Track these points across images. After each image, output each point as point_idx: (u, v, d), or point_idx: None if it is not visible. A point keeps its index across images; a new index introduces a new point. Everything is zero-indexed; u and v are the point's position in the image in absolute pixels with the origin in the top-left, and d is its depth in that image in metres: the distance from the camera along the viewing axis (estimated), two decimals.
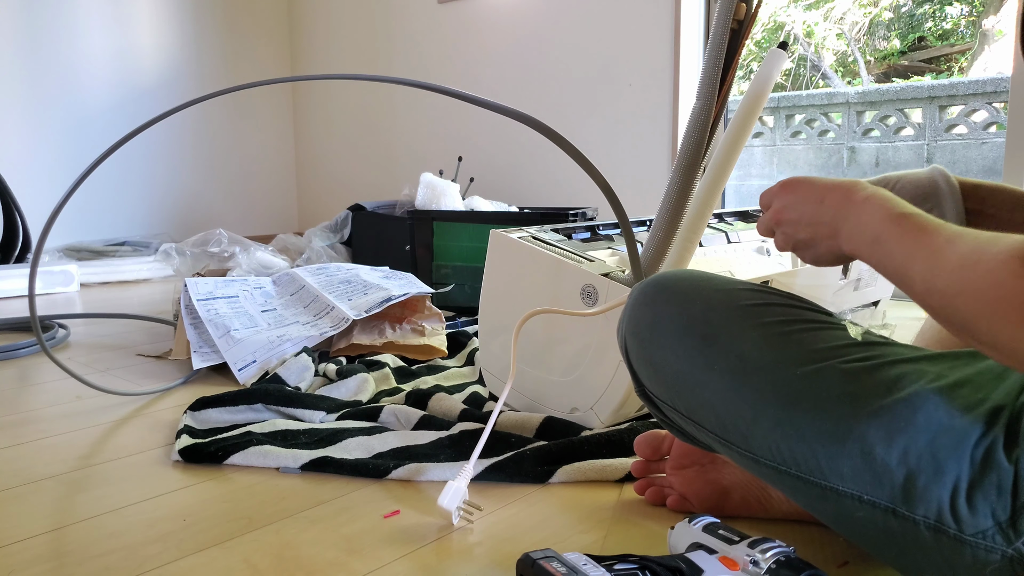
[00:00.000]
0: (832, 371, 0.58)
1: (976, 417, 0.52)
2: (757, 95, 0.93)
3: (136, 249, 3.00)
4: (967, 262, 0.47)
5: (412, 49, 3.21)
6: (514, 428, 1.07)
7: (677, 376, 0.67)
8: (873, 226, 0.55)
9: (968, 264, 0.47)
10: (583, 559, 0.61)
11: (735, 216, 1.52)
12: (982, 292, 0.46)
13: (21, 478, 0.97)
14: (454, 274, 2.05)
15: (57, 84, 3.02)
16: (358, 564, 0.75)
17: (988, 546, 0.50)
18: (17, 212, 2.63)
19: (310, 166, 3.78)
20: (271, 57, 3.68)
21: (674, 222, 1.01)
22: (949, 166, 3.07)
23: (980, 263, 0.46)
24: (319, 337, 1.50)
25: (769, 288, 0.68)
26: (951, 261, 0.48)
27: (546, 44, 2.77)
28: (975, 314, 0.47)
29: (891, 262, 0.54)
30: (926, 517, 0.52)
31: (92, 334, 1.86)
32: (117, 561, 0.76)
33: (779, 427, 0.59)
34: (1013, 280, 0.44)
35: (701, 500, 0.83)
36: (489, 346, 1.21)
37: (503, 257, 1.17)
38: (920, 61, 5.25)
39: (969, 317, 0.47)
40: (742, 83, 4.46)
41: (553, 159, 2.78)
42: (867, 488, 0.55)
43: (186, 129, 3.42)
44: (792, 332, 0.62)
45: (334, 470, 0.97)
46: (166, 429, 1.15)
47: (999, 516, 0.50)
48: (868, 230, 0.56)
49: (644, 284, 0.72)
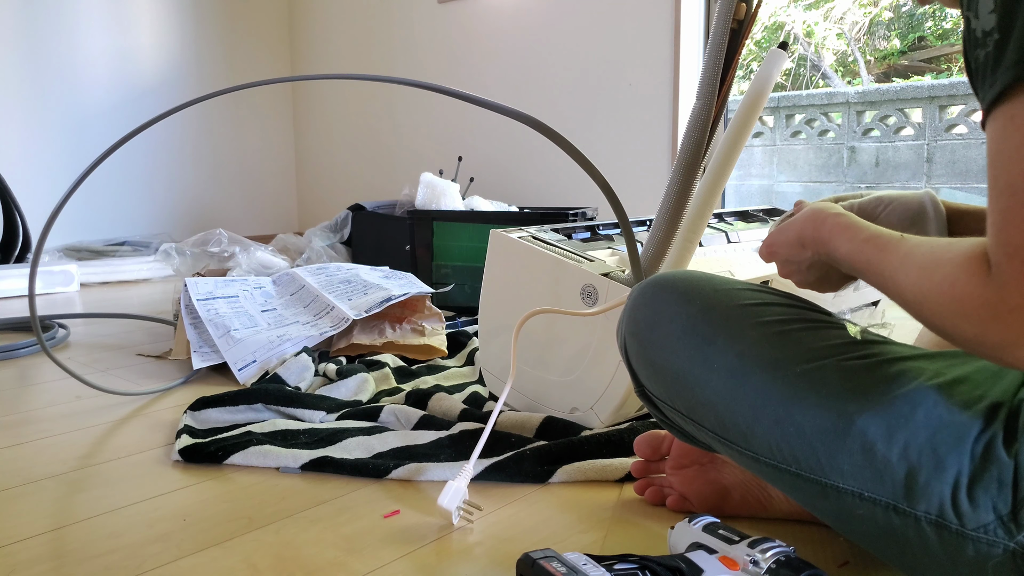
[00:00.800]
0: (832, 369, 0.58)
1: (975, 413, 0.53)
2: (757, 95, 0.93)
3: (136, 249, 3.00)
4: (926, 271, 0.50)
5: (412, 49, 3.21)
6: (514, 428, 1.08)
7: (677, 376, 0.67)
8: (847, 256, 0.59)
9: (927, 272, 0.50)
10: (583, 559, 0.61)
11: (735, 216, 1.52)
12: (943, 295, 0.48)
13: (21, 478, 0.97)
14: (454, 274, 2.05)
15: (57, 84, 3.02)
16: (358, 564, 0.75)
17: (990, 540, 0.51)
18: (17, 212, 2.63)
19: (310, 166, 3.78)
20: (271, 57, 3.68)
21: (674, 222, 1.01)
22: (949, 166, 3.07)
23: (937, 269, 0.49)
24: (319, 337, 1.50)
25: (768, 288, 0.69)
26: (912, 272, 0.51)
27: (546, 44, 2.77)
28: (942, 317, 0.49)
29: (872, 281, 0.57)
30: (927, 513, 0.53)
31: (92, 334, 1.86)
32: (117, 561, 0.76)
33: (779, 425, 0.59)
34: (968, 278, 0.47)
35: (701, 500, 0.83)
36: (489, 346, 1.21)
37: (503, 257, 1.17)
38: (920, 61, 5.25)
39: (940, 321, 0.49)
40: (742, 83, 4.46)
41: (553, 159, 2.78)
42: (868, 485, 0.55)
43: (186, 129, 3.42)
44: (791, 331, 0.62)
45: (334, 470, 0.97)
46: (166, 429, 1.15)
47: (1000, 510, 0.50)
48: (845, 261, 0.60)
49: (644, 284, 0.72)
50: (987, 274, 0.46)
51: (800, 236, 0.64)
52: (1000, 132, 0.46)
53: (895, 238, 0.54)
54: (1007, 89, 0.45)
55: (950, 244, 0.49)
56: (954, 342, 0.50)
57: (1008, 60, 0.45)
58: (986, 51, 0.46)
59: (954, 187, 3.04)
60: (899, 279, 0.52)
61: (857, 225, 0.59)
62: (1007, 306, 0.45)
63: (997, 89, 0.45)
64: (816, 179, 3.45)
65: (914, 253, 0.52)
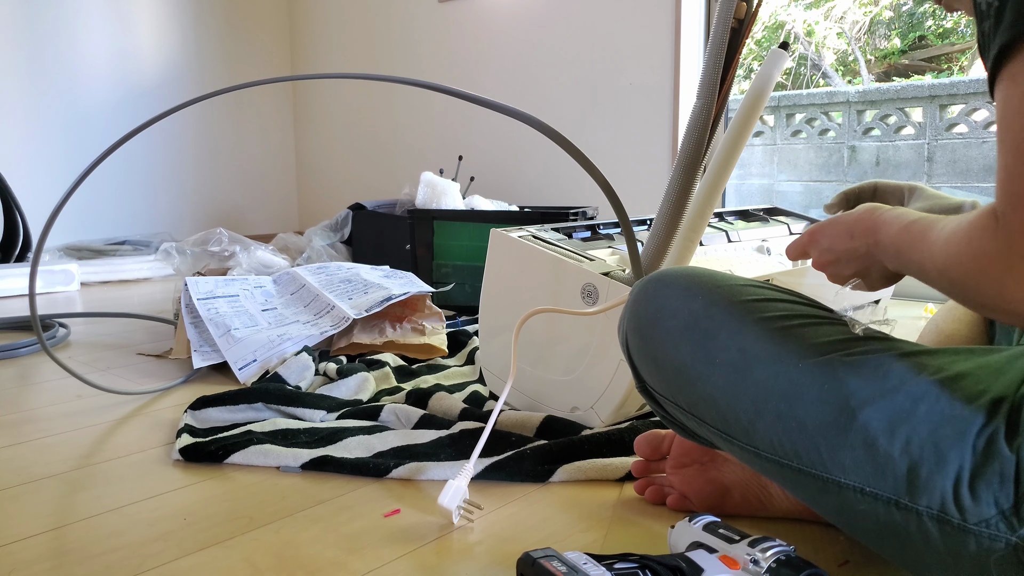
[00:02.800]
0: (834, 364, 0.58)
1: (977, 408, 0.53)
2: (758, 95, 0.93)
3: (136, 248, 3.00)
4: (952, 238, 0.52)
5: (412, 49, 3.21)
6: (514, 427, 1.08)
7: (678, 371, 0.67)
8: (892, 240, 0.60)
9: (952, 239, 0.51)
10: (583, 558, 0.61)
11: (735, 215, 1.52)
12: (963, 256, 0.50)
13: (21, 477, 0.97)
14: (454, 273, 2.05)
15: (57, 84, 3.02)
16: (358, 563, 0.75)
17: (992, 534, 0.51)
18: (17, 211, 2.63)
19: (310, 165, 3.78)
20: (271, 57, 3.68)
21: (675, 221, 1.01)
22: (949, 165, 3.06)
23: (958, 232, 0.51)
24: (319, 336, 1.50)
25: (770, 284, 0.69)
26: (940, 243, 0.53)
27: (546, 43, 2.77)
28: (967, 279, 0.50)
29: (912, 266, 0.58)
30: (929, 507, 0.53)
31: (92, 333, 1.86)
32: (117, 560, 0.76)
33: (781, 420, 0.59)
34: (980, 233, 0.48)
35: (701, 499, 0.83)
36: (489, 345, 1.21)
37: (503, 256, 1.17)
38: (921, 60, 5.25)
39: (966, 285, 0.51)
40: (742, 82, 4.46)
41: (553, 158, 2.78)
42: (869, 480, 0.55)
43: (187, 128, 3.42)
44: (793, 327, 0.62)
45: (334, 469, 0.97)
46: (166, 428, 1.15)
47: (1002, 504, 0.50)
48: (891, 246, 0.60)
49: (646, 280, 0.72)
50: (996, 226, 0.47)
51: (853, 226, 0.64)
52: (1004, 92, 0.47)
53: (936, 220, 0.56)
54: (1006, 49, 0.47)
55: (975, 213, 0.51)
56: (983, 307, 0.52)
57: (1006, 22, 0.46)
58: (989, 22, 0.48)
59: (954, 186, 3.04)
60: (935, 251, 0.54)
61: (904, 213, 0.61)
62: (1017, 254, 0.46)
63: (995, 50, 0.47)
64: (816, 178, 3.45)
65: (948, 225, 0.53)
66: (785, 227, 1.49)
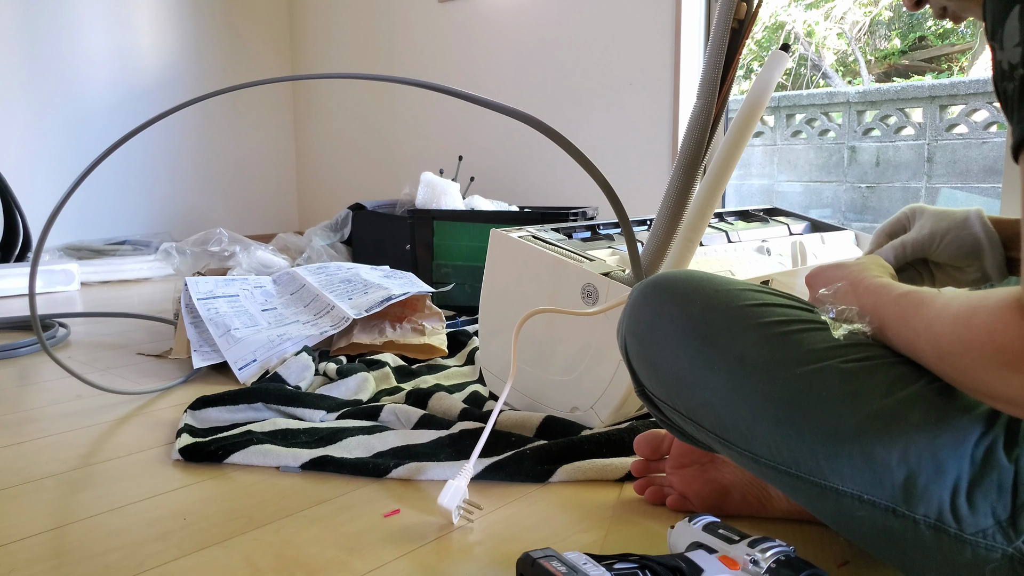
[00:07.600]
0: (832, 371, 0.58)
1: (976, 417, 0.52)
2: (759, 96, 0.93)
3: (136, 248, 3.00)
4: (961, 321, 0.48)
5: (412, 49, 3.21)
6: (514, 427, 1.08)
7: (677, 376, 0.67)
8: (877, 312, 0.58)
9: (962, 323, 0.48)
10: (583, 558, 0.61)
11: (735, 216, 1.52)
12: (982, 346, 0.47)
13: (21, 477, 0.97)
14: (454, 273, 2.05)
15: (57, 84, 3.02)
16: (358, 563, 0.75)
17: (988, 545, 0.50)
18: (18, 211, 2.63)
19: (310, 165, 3.78)
20: (271, 57, 3.68)
21: (675, 222, 1.01)
22: (950, 166, 3.06)
23: (974, 318, 0.47)
24: (319, 336, 1.50)
25: (769, 289, 0.69)
26: (947, 325, 0.50)
27: (546, 43, 2.77)
28: (981, 369, 0.47)
29: (900, 341, 0.56)
30: (926, 516, 0.53)
31: (92, 333, 1.86)
32: (117, 560, 0.76)
33: (779, 427, 0.59)
34: (1005, 328, 0.45)
35: (701, 499, 0.83)
36: (489, 345, 1.21)
37: (503, 256, 1.17)
38: (921, 60, 5.25)
39: (978, 375, 0.48)
40: (743, 82, 4.46)
41: (553, 158, 2.78)
42: (867, 488, 0.55)
43: (186, 128, 3.42)
44: (792, 332, 0.62)
45: (334, 469, 0.97)
46: (166, 428, 1.15)
47: (999, 515, 0.50)
48: (875, 319, 0.58)
49: (644, 284, 0.72)
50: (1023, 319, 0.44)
51: (836, 290, 0.63)
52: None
53: (931, 294, 0.54)
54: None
55: (987, 295, 0.48)
56: (996, 400, 0.48)
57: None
58: (1013, 84, 0.45)
59: (954, 187, 3.04)
60: (937, 332, 0.51)
61: (890, 284, 0.59)
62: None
63: (1019, 136, 0.44)
64: (816, 179, 3.45)
65: (951, 305, 0.50)
66: (785, 227, 1.49)
